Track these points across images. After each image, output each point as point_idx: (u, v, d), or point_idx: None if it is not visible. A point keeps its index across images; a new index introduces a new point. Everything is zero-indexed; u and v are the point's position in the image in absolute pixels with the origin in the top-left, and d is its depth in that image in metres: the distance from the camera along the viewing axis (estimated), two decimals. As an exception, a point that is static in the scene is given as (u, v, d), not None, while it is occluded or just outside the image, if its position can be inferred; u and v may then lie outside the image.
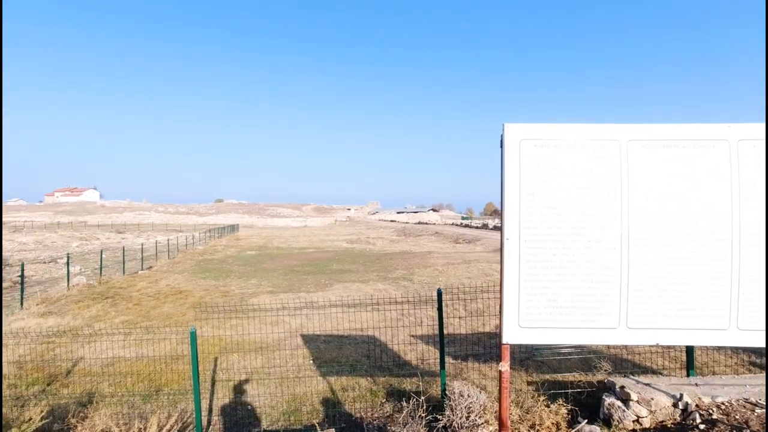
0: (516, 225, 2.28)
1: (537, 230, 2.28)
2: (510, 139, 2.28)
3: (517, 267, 2.27)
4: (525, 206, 2.28)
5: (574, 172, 2.28)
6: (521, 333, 2.28)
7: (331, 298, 11.60)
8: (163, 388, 5.49)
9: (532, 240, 2.27)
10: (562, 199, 2.28)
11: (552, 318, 2.27)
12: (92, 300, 11.36)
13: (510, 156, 2.29)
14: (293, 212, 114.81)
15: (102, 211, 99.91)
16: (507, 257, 2.27)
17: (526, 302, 2.26)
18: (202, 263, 20.60)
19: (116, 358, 6.63)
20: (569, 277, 2.26)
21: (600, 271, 2.26)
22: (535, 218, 2.28)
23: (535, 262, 2.27)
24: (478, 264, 16.51)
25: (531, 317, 2.27)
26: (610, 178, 2.27)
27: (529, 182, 2.27)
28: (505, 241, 2.27)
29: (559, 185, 2.28)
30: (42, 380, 5.76)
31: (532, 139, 2.27)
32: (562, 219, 2.27)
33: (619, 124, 2.25)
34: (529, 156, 2.27)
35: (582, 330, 2.26)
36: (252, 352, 6.90)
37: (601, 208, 2.26)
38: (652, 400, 3.30)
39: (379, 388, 5.36)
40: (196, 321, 9.25)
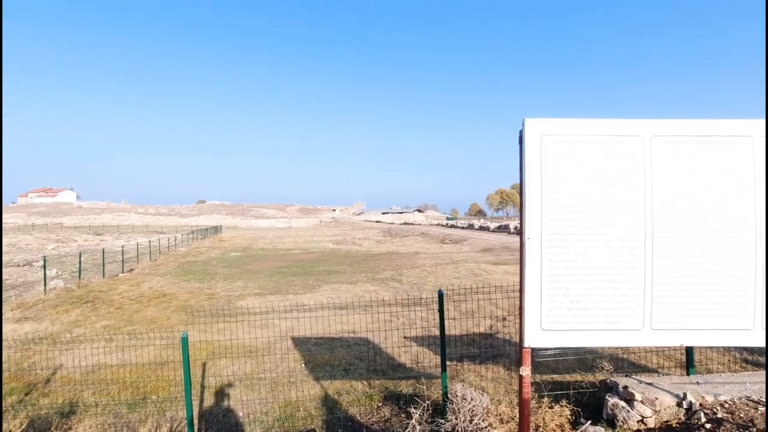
0: (537, 224, 2.21)
1: (559, 229, 2.21)
2: (531, 135, 2.21)
3: (538, 267, 2.20)
4: (547, 204, 2.21)
5: (596, 169, 2.22)
6: (544, 336, 2.21)
7: (320, 299, 11.44)
8: (150, 396, 5.28)
9: (554, 239, 2.21)
10: (584, 197, 2.22)
11: (575, 320, 2.20)
12: (71, 304, 10.94)
13: (531, 152, 2.22)
14: (277, 213, 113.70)
15: (79, 213, 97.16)
16: (528, 257, 2.20)
17: (548, 304, 2.19)
18: (186, 265, 20.13)
19: (99, 365, 6.36)
20: (592, 278, 2.21)
21: (623, 270, 2.21)
22: (557, 216, 2.22)
23: (558, 262, 2.21)
24: (467, 264, 16.54)
25: (553, 319, 2.20)
26: (634, 175, 2.22)
27: (551, 179, 2.21)
28: (526, 240, 2.20)
29: (581, 182, 2.22)
30: (20, 390, 5.47)
31: (554, 134, 2.21)
32: (584, 217, 2.21)
33: (643, 120, 2.20)
34: (551, 152, 2.21)
35: (606, 332, 2.21)
36: (241, 357, 6.71)
37: (624, 206, 2.21)
38: (656, 399, 3.29)
39: (374, 391, 5.25)
40: (182, 325, 8.98)
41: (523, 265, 2.22)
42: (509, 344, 6.88)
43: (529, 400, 2.27)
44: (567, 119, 2.20)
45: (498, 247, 22.83)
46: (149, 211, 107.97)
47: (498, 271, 14.43)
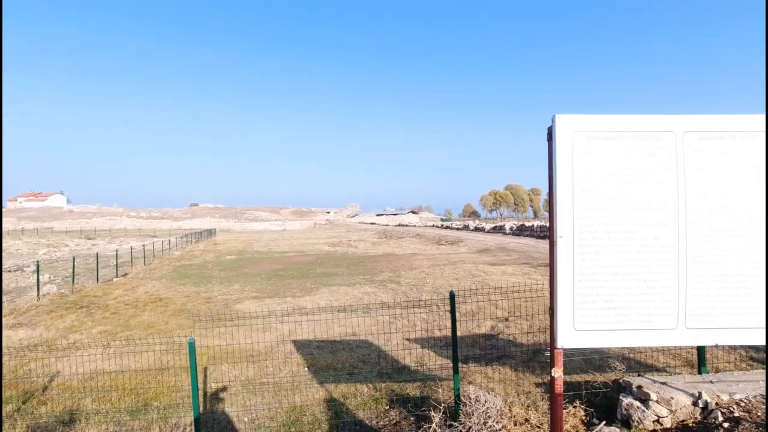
0: (569, 222, 2.17)
1: (591, 227, 2.17)
2: (561, 131, 2.17)
3: (571, 266, 2.16)
4: (578, 202, 2.17)
5: (628, 165, 2.19)
6: (577, 336, 2.17)
7: (319, 302, 11.35)
8: (152, 402, 5.17)
9: (586, 237, 2.17)
10: (616, 194, 2.18)
11: (608, 320, 2.17)
12: (65, 310, 10.75)
13: (562, 149, 2.18)
14: (271, 216, 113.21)
15: (69, 217, 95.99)
16: (560, 256, 2.16)
17: (581, 303, 2.15)
18: (180, 269, 19.93)
19: (97, 371, 6.24)
20: (626, 276, 2.17)
21: (657, 269, 2.17)
22: (589, 214, 2.18)
23: (591, 261, 2.17)
24: (464, 265, 16.53)
25: (586, 319, 2.16)
26: (666, 171, 2.19)
27: (583, 177, 2.17)
28: (558, 239, 2.16)
29: (613, 179, 2.18)
30: (17, 398, 5.33)
31: (585, 130, 2.17)
32: (617, 215, 2.18)
33: (675, 115, 2.17)
34: (582, 148, 2.17)
35: (639, 332, 2.17)
36: (243, 361, 6.62)
37: (657, 203, 2.18)
38: (671, 399, 3.27)
39: (381, 394, 5.19)
40: (180, 329, 8.86)
41: (555, 265, 2.18)
42: (513, 345, 6.85)
43: (561, 402, 2.23)
44: (599, 115, 2.16)
45: (494, 248, 22.86)
46: (141, 214, 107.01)
47: (496, 272, 14.43)
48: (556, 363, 2.21)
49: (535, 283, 12.10)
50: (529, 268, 14.95)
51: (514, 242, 25.89)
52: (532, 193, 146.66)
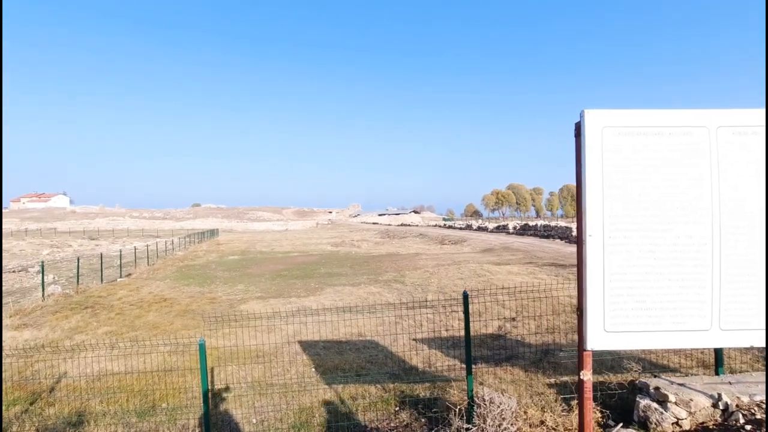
0: (599, 220, 2.11)
1: (622, 226, 2.11)
2: (591, 127, 2.11)
3: (601, 265, 2.10)
4: (608, 200, 2.11)
5: (660, 162, 2.13)
6: (607, 338, 2.11)
7: (323, 302, 11.31)
8: (159, 404, 5.13)
9: (617, 236, 2.11)
10: (648, 191, 2.12)
11: (640, 321, 2.11)
12: (70, 310, 10.73)
13: (591, 145, 2.12)
14: (273, 216, 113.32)
15: (72, 218, 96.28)
16: (590, 255, 2.10)
17: (611, 304, 2.10)
18: (184, 269, 19.92)
19: (103, 372, 6.21)
20: (658, 276, 2.12)
21: (690, 268, 2.11)
22: (620, 213, 2.12)
23: (622, 260, 2.11)
24: (468, 265, 16.46)
25: (617, 320, 2.10)
26: (699, 168, 2.13)
27: (613, 173, 2.11)
28: (587, 238, 2.10)
29: (644, 176, 2.13)
30: (24, 399, 5.30)
31: (615, 126, 2.11)
32: (649, 213, 2.12)
33: (708, 110, 2.11)
34: (613, 145, 2.11)
35: (672, 333, 2.11)
36: (250, 362, 6.58)
37: (690, 200, 2.12)
38: (691, 401, 3.21)
39: (390, 395, 5.13)
40: (185, 330, 8.83)
41: (584, 264, 2.12)
42: (522, 345, 6.79)
43: (591, 406, 2.17)
44: (629, 110, 2.11)
45: (498, 248, 22.78)
46: (144, 215, 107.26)
47: (501, 272, 14.36)
48: (585, 365, 2.15)
49: (541, 282, 12.04)
50: (534, 268, 14.87)
51: (518, 242, 25.81)
52: (534, 192, 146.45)
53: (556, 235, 27.22)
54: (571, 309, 8.35)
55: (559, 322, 7.65)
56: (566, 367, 5.20)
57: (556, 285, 10.99)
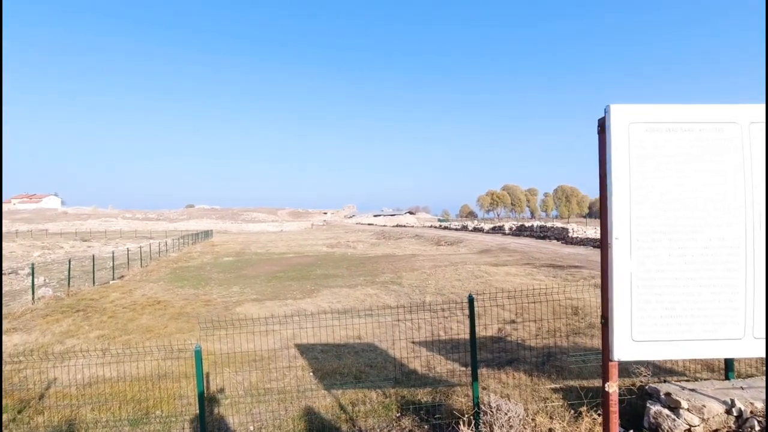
0: (626, 222, 2.00)
1: (650, 228, 2.00)
2: (617, 123, 2.00)
3: (628, 271, 1.99)
4: (636, 201, 2.00)
5: (690, 159, 2.02)
6: (635, 348, 2.00)
7: (320, 304, 11.17)
8: (153, 411, 4.97)
9: (645, 240, 2.00)
10: (678, 191, 2.01)
11: (669, 329, 2.00)
12: (61, 313, 10.51)
13: (617, 142, 2.00)
14: (268, 217, 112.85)
15: (64, 219, 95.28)
16: (616, 259, 1.99)
17: (639, 312, 1.98)
18: (178, 271, 19.69)
19: (95, 378, 6.03)
20: (688, 282, 2.01)
21: (723, 273, 2.01)
22: (648, 214, 2.01)
23: (650, 265, 2.00)
24: (466, 266, 16.38)
25: (645, 329, 1.99)
26: (731, 166, 2.02)
27: (641, 173, 2.00)
28: (613, 241, 1.99)
29: (674, 174, 2.02)
30: (12, 407, 5.12)
31: (643, 122, 2.00)
32: (678, 214, 2.01)
33: (740, 105, 2.01)
34: (640, 142, 1.99)
35: (703, 342, 2.01)
36: (246, 366, 6.44)
37: (722, 201, 2.01)
38: (703, 407, 3.12)
39: (390, 400, 5.02)
40: (180, 333, 8.66)
41: (610, 269, 2.00)
42: (523, 348, 6.70)
43: (616, 420, 2.06)
44: (657, 105, 2.00)
45: (495, 249, 22.74)
46: (137, 216, 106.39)
47: (499, 273, 14.29)
48: (611, 377, 2.04)
49: (540, 283, 11.98)
50: (532, 269, 14.82)
51: (515, 242, 25.79)
52: (529, 193, 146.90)
53: (552, 236, 27.24)
54: (572, 311, 8.28)
55: (560, 324, 7.58)
56: (570, 371, 5.10)
57: (555, 287, 10.93)
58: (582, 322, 7.67)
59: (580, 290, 9.57)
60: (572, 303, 8.64)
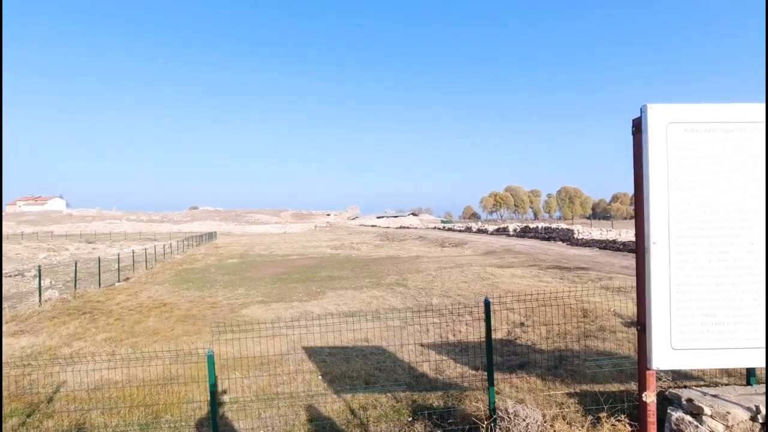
0: (664, 226, 1.94)
1: (690, 231, 1.94)
2: (654, 123, 1.94)
3: (667, 276, 1.93)
4: (674, 203, 1.93)
5: (732, 160, 1.96)
6: (674, 356, 1.94)
7: (326, 307, 11.13)
8: (163, 415, 4.94)
9: (684, 243, 1.93)
10: (718, 193, 1.95)
11: (710, 337, 1.94)
12: (68, 316, 10.51)
13: (655, 143, 1.94)
14: (271, 219, 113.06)
15: (69, 221, 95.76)
16: (654, 264, 1.93)
17: (679, 318, 1.92)
18: (183, 273, 19.69)
19: (103, 381, 6.01)
20: (729, 287, 1.94)
21: (765, 277, 1.94)
22: (688, 217, 1.94)
23: (690, 270, 1.93)
24: (471, 268, 16.30)
25: (685, 337, 1.93)
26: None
27: (680, 174, 1.94)
28: (651, 245, 1.93)
29: (713, 177, 1.95)
30: (21, 411, 5.10)
31: (682, 122, 1.94)
32: (719, 217, 1.95)
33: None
34: (679, 142, 1.94)
35: (746, 351, 1.94)
36: (254, 369, 6.39)
37: (764, 203, 1.94)
38: (728, 414, 3.05)
39: (402, 405, 4.96)
40: (187, 336, 8.63)
41: (647, 275, 1.94)
42: (533, 351, 6.63)
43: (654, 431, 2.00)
44: (696, 104, 1.94)
45: (500, 250, 22.64)
46: (141, 218, 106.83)
47: (505, 275, 14.21)
48: (648, 386, 1.98)
49: (547, 285, 11.90)
50: (538, 270, 14.73)
51: (519, 244, 25.69)
52: (532, 194, 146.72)
53: (557, 237, 27.12)
54: (582, 314, 8.20)
55: (570, 327, 7.50)
56: (584, 376, 5.03)
57: (563, 289, 10.85)
58: (592, 324, 7.59)
59: (590, 292, 9.48)
60: (581, 305, 8.56)
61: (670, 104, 1.95)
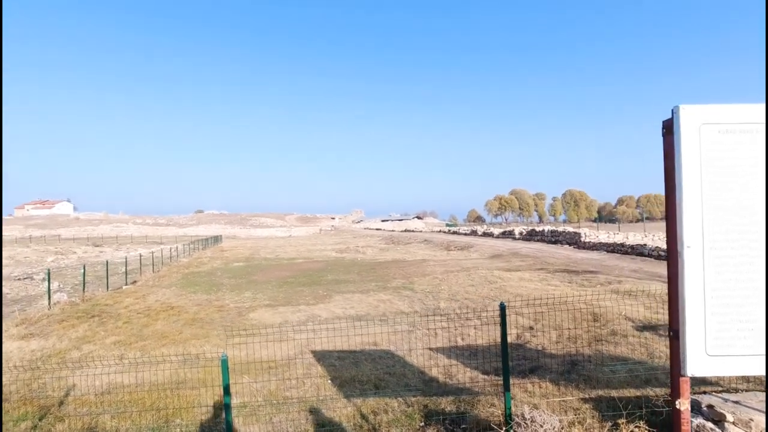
0: (698, 229, 1.89)
1: (726, 234, 1.89)
2: (687, 125, 1.89)
3: (701, 280, 1.88)
4: (709, 206, 1.88)
5: (766, 162, 1.91)
6: (710, 363, 1.89)
7: (334, 310, 11.11)
8: (173, 419, 4.92)
9: (720, 247, 1.88)
10: (754, 195, 1.90)
11: (746, 343, 1.88)
12: (77, 319, 10.56)
13: (688, 145, 1.89)
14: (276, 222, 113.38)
15: (76, 224, 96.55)
16: (688, 269, 1.88)
17: (714, 324, 1.87)
18: (189, 276, 19.76)
19: (113, 384, 6.01)
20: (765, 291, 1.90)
21: None
22: (723, 220, 1.89)
23: (726, 274, 1.88)
24: (478, 271, 16.23)
25: (721, 342, 1.88)
26: None
27: (714, 176, 1.89)
28: (684, 249, 1.88)
29: (749, 178, 1.90)
30: (32, 414, 5.10)
31: (716, 123, 1.89)
32: (755, 219, 1.89)
33: None
34: (713, 143, 1.89)
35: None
36: (263, 373, 6.38)
37: None
38: (751, 421, 2.99)
39: (413, 410, 4.91)
40: (195, 339, 8.63)
41: (681, 279, 1.90)
42: (544, 355, 6.57)
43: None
44: (731, 105, 1.90)
45: (507, 253, 22.53)
46: (147, 221, 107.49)
47: (513, 278, 14.13)
48: (682, 393, 1.94)
49: (555, 289, 11.81)
50: (545, 274, 14.64)
51: (526, 247, 25.56)
52: (537, 197, 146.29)
53: (564, 241, 26.95)
54: (592, 317, 8.12)
55: (581, 331, 7.42)
56: (598, 381, 4.96)
57: (572, 292, 10.76)
58: (603, 329, 7.51)
59: (600, 296, 9.39)
60: (591, 309, 8.48)
61: (703, 105, 1.91)
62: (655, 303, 8.67)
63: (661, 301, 8.73)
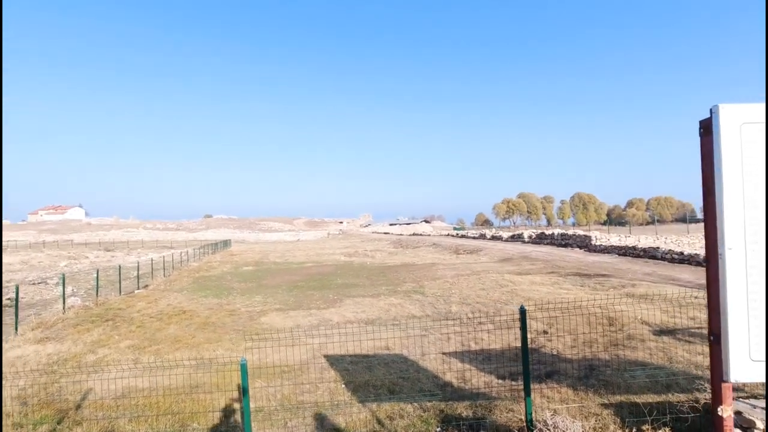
0: (740, 231, 1.85)
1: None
2: (727, 124, 1.86)
3: (744, 284, 1.84)
4: (751, 207, 1.85)
5: None
6: (753, 368, 1.84)
7: (345, 314, 11.10)
8: (190, 424, 4.94)
9: (762, 249, 1.85)
10: None
11: None
12: (91, 323, 10.66)
13: (728, 144, 1.86)
14: (285, 226, 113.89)
15: (88, 229, 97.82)
16: (730, 271, 1.85)
17: (757, 329, 1.83)
18: (200, 280, 19.89)
19: (129, 388, 6.05)
20: None
21: None
22: (765, 221, 1.86)
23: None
24: (489, 275, 16.12)
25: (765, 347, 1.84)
26: None
27: (756, 176, 1.85)
28: (726, 251, 1.85)
29: None
30: (51, 417, 5.15)
31: (757, 122, 1.86)
32: None
33: None
34: (755, 143, 1.85)
35: None
36: (277, 377, 6.38)
37: None
38: (781, 428, 2.92)
39: (429, 415, 4.87)
40: (208, 343, 8.67)
41: (722, 282, 1.86)
42: (560, 360, 6.48)
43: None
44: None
45: (517, 257, 22.38)
46: (158, 226, 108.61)
47: (524, 282, 14.01)
48: (724, 399, 1.89)
49: (567, 293, 11.69)
50: (557, 278, 14.50)
51: (536, 251, 25.36)
52: (545, 201, 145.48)
53: (574, 244, 26.70)
54: (608, 321, 8.01)
55: (596, 335, 7.32)
56: (618, 386, 4.88)
57: (585, 296, 10.63)
58: (620, 333, 7.41)
59: (614, 300, 9.27)
60: (606, 313, 8.37)
61: (743, 104, 1.87)
62: (672, 307, 8.52)
63: (678, 305, 8.59)
